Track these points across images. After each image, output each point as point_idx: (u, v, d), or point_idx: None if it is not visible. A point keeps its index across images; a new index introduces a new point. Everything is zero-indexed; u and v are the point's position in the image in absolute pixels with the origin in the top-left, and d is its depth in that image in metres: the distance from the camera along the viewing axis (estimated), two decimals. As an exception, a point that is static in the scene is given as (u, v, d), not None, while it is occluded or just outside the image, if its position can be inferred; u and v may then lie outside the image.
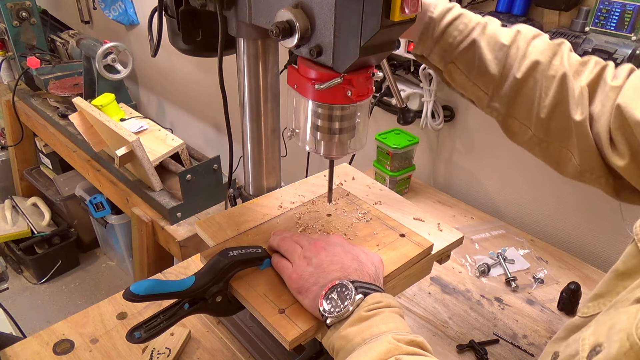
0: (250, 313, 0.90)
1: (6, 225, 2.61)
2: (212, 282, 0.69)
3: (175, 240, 1.55)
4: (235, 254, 0.70)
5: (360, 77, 0.66)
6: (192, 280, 0.68)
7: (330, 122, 0.72)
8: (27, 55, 2.32)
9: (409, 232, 0.83)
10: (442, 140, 1.47)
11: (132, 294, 0.64)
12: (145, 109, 2.74)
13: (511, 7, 1.10)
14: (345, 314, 0.61)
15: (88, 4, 2.70)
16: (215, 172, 1.61)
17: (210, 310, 0.72)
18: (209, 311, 0.72)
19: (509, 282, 1.09)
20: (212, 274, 0.69)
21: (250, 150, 0.91)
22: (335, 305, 0.62)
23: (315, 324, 0.67)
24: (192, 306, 0.70)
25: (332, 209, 0.89)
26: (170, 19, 0.85)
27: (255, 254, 0.72)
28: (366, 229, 0.84)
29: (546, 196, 1.29)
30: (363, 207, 0.90)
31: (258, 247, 0.74)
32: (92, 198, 2.18)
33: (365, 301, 0.61)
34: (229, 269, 0.70)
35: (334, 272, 0.66)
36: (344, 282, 0.63)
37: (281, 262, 0.72)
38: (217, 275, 0.69)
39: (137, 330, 0.66)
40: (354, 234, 0.83)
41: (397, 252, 0.79)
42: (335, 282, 0.64)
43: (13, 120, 2.49)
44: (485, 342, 0.95)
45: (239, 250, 0.71)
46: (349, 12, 0.59)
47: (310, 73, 0.68)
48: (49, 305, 2.53)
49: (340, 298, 0.62)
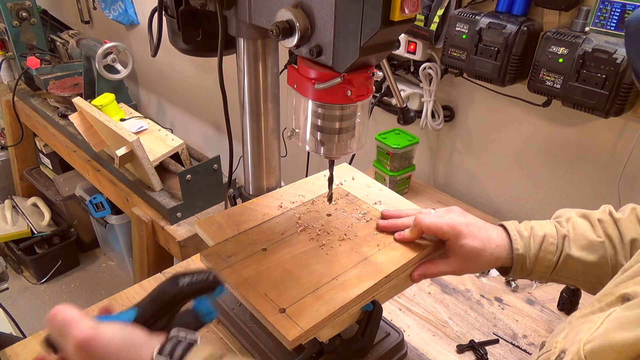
0: (250, 313, 0.90)
1: (6, 225, 2.61)
2: (157, 316, 0.56)
3: (175, 240, 1.55)
4: (186, 282, 0.56)
5: (360, 76, 0.66)
6: (133, 315, 0.56)
7: (330, 122, 0.72)
8: (27, 55, 2.32)
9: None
10: (442, 140, 1.47)
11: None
12: (145, 109, 2.74)
13: (511, 7, 1.10)
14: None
15: (88, 4, 2.70)
16: (215, 172, 1.61)
17: None
18: None
19: (509, 282, 1.09)
20: (157, 306, 0.56)
21: (250, 150, 0.91)
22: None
23: (317, 324, 0.67)
24: None
25: (332, 209, 0.89)
26: (170, 19, 0.85)
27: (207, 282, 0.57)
28: (366, 229, 0.84)
29: (546, 196, 1.29)
30: (363, 207, 0.90)
31: (210, 271, 0.58)
32: (92, 198, 2.18)
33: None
34: (177, 301, 0.56)
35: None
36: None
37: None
38: (162, 307, 0.56)
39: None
40: (354, 234, 0.83)
41: (397, 252, 0.79)
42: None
43: (13, 120, 2.48)
44: (485, 342, 0.95)
45: (190, 277, 0.56)
46: (349, 12, 0.59)
47: (310, 73, 0.68)
48: (49, 305, 2.53)
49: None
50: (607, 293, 0.52)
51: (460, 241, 0.75)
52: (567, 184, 1.23)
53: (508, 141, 1.32)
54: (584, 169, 1.19)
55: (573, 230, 0.74)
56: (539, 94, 1.09)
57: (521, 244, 0.74)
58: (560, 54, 1.01)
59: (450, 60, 1.19)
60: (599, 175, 1.17)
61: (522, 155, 1.30)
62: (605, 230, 0.73)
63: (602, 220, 0.74)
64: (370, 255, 0.78)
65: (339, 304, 0.69)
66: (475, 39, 1.12)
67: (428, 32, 1.25)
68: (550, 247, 0.73)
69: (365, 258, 0.78)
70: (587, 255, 0.72)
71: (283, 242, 0.82)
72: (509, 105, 1.27)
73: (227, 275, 0.74)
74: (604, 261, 0.71)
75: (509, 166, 1.34)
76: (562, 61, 1.01)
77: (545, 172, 1.27)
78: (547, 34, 1.03)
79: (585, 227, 0.74)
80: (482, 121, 1.35)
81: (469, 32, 1.13)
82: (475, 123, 1.37)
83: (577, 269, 0.73)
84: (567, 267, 0.73)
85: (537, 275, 0.75)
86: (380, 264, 0.76)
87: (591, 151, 1.16)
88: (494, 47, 1.09)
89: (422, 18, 1.25)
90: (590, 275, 0.72)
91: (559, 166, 1.24)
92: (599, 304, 0.52)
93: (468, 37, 1.13)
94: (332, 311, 0.68)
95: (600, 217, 0.75)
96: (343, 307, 0.69)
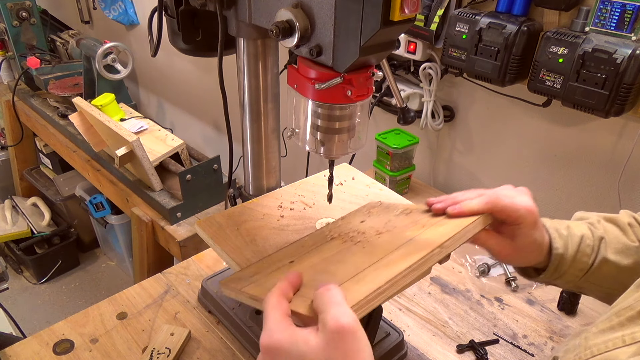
0: (250, 313, 0.91)
1: (6, 225, 2.61)
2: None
3: (175, 240, 1.55)
4: None
5: (360, 76, 0.66)
6: None
7: (330, 122, 0.71)
8: (27, 55, 2.32)
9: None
10: (442, 140, 1.47)
11: None
12: (145, 109, 2.74)
13: (511, 7, 1.10)
14: None
15: (88, 4, 2.70)
16: (215, 172, 1.61)
17: None
18: None
19: (509, 282, 1.09)
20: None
21: (250, 150, 0.91)
22: None
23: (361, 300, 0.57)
24: None
25: (365, 216, 0.82)
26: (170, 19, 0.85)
27: None
28: (407, 219, 0.76)
29: (546, 196, 1.29)
30: (399, 207, 0.82)
31: None
32: (92, 198, 2.18)
33: None
34: None
35: None
36: None
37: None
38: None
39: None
40: (393, 226, 0.74)
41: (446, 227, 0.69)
42: None
43: (13, 120, 2.49)
44: (485, 342, 0.95)
45: None
46: (348, 12, 0.59)
47: (310, 73, 0.67)
48: (49, 305, 2.53)
49: None
50: (626, 307, 0.50)
51: (532, 231, 0.68)
52: (567, 184, 1.23)
53: (508, 141, 1.32)
54: (584, 169, 1.19)
55: (606, 232, 0.70)
56: (539, 94, 1.09)
57: (560, 243, 0.69)
58: (560, 54, 1.01)
59: (450, 60, 1.19)
60: (599, 175, 1.17)
61: (522, 155, 1.30)
62: (637, 234, 0.70)
63: (632, 224, 0.71)
64: (415, 235, 0.68)
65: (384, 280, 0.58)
66: (475, 39, 1.12)
67: (428, 32, 1.25)
68: (587, 248, 0.69)
69: (411, 240, 0.67)
70: (622, 259, 0.68)
71: (312, 251, 0.72)
72: (509, 105, 1.27)
73: (251, 289, 0.64)
74: (637, 267, 0.68)
75: (509, 166, 1.34)
76: (562, 61, 1.01)
77: (545, 172, 1.27)
78: (547, 34, 1.03)
79: (616, 231, 0.71)
80: (482, 121, 1.35)
81: (469, 32, 1.13)
82: (476, 123, 1.37)
83: (610, 274, 0.69)
84: (601, 271, 0.69)
85: (567, 279, 0.71)
86: (429, 239, 0.66)
87: (591, 151, 1.16)
88: (494, 47, 1.09)
89: (422, 18, 1.25)
90: (618, 281, 0.68)
91: (559, 166, 1.24)
92: (618, 318, 0.49)
93: (468, 37, 1.13)
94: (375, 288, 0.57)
95: (630, 221, 0.72)
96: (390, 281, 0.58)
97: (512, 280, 1.09)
